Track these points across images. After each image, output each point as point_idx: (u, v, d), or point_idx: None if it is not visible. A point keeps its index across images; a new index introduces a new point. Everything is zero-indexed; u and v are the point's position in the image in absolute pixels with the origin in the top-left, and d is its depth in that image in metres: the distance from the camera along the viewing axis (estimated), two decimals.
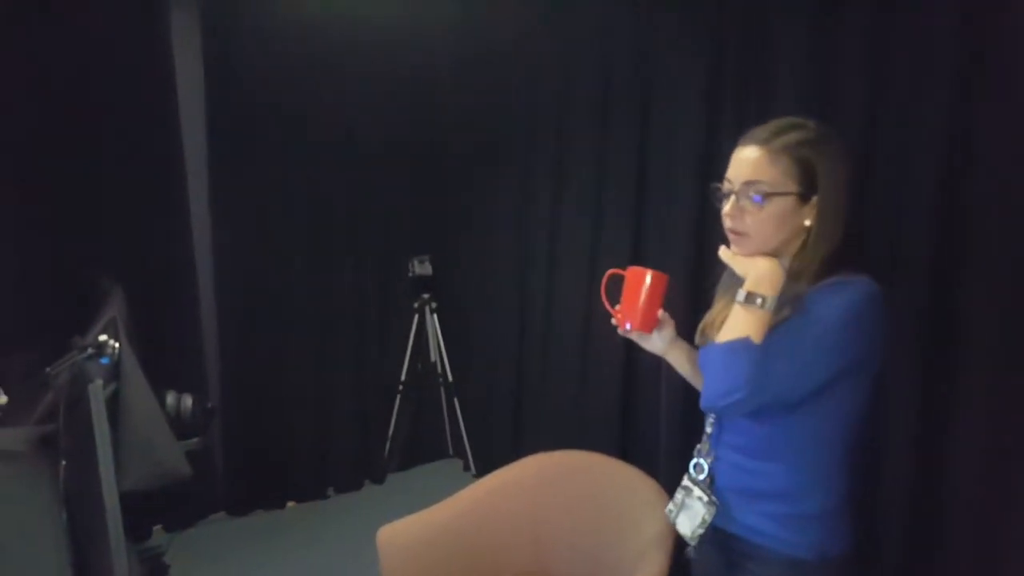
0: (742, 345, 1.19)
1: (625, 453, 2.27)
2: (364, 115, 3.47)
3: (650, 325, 1.45)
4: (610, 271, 1.53)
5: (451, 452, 4.09)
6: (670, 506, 1.47)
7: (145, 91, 2.87)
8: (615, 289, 1.48)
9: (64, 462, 1.49)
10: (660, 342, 1.52)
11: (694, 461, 1.44)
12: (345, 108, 3.41)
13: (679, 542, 1.77)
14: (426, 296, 3.77)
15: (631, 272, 1.44)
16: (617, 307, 1.47)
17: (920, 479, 1.59)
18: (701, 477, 1.41)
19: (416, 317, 3.78)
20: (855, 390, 1.25)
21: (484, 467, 3.59)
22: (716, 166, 2.16)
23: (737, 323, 1.21)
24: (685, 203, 2.30)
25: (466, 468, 3.86)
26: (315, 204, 3.38)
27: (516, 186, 3.27)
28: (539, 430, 3.22)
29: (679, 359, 1.56)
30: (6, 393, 2.21)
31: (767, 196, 1.23)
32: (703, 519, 1.38)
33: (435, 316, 3.80)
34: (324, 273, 3.46)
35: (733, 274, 1.42)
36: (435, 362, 3.88)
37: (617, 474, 2.15)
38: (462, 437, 3.84)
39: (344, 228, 3.50)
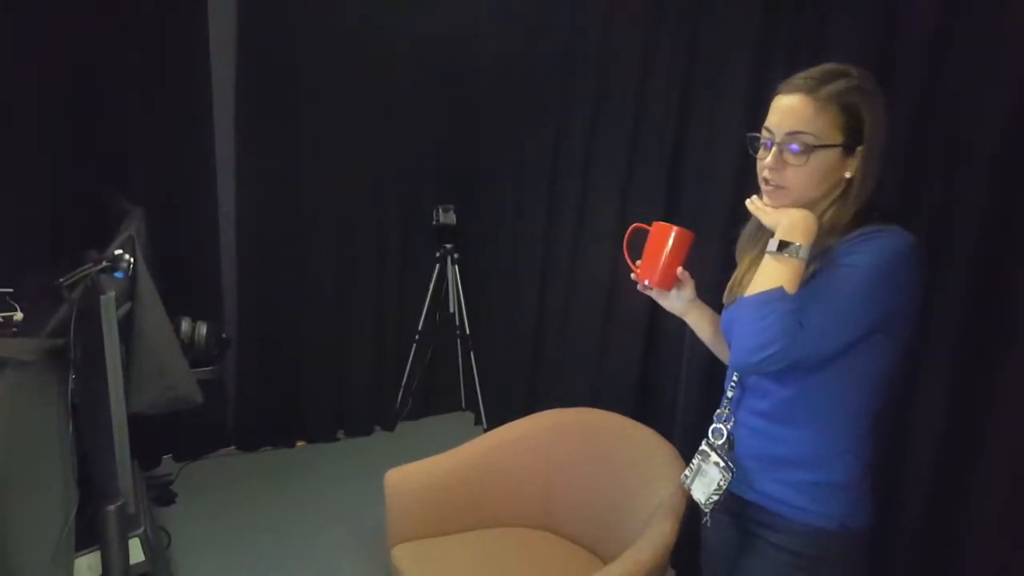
0: (776, 295, 1.14)
1: (642, 418, 2.22)
2: (398, 59, 3.39)
3: (669, 283, 1.43)
4: (634, 225, 1.51)
5: (463, 405, 4.07)
6: (686, 472, 1.44)
7: (175, 19, 2.82)
8: (639, 244, 1.45)
9: (73, 375, 1.47)
10: (679, 301, 1.48)
11: (713, 426, 1.40)
12: (379, 52, 3.32)
13: (694, 511, 1.74)
14: (448, 246, 3.71)
15: (656, 227, 1.42)
16: (638, 262, 1.45)
17: (949, 454, 1.53)
18: (719, 442, 1.37)
19: (437, 267, 3.73)
20: (883, 352, 1.20)
21: (496, 422, 3.57)
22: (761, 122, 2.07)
23: (769, 274, 1.17)
24: (725, 163, 2.21)
25: (477, 422, 3.84)
26: (342, 143, 3.32)
27: (548, 140, 3.17)
28: (555, 390, 3.17)
29: (699, 322, 1.52)
30: (23, 309, 2.21)
31: (813, 148, 1.17)
32: (719, 485, 1.33)
33: (456, 267, 3.74)
34: (347, 213, 3.41)
35: (754, 231, 1.38)
36: (453, 313, 3.84)
37: (633, 435, 2.11)
38: (476, 391, 3.82)
39: (371, 170, 3.44)
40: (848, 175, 1.20)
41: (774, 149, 1.21)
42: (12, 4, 2.43)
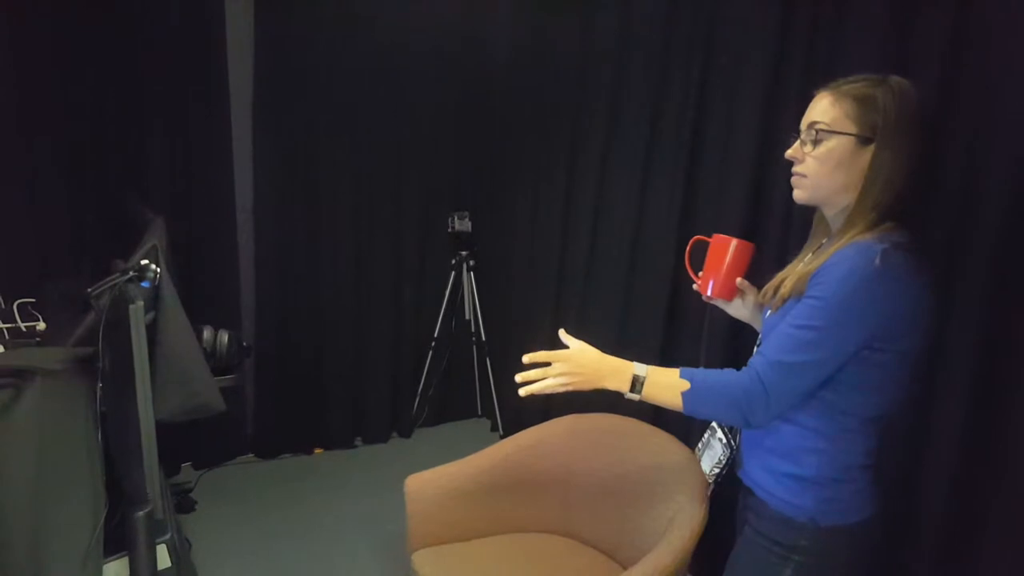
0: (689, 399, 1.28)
1: (659, 422, 2.22)
2: (414, 66, 3.42)
3: (730, 293, 1.50)
4: (695, 237, 1.58)
5: (480, 412, 4.09)
6: (699, 444, 1.58)
7: (194, 26, 2.85)
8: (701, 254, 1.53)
9: (101, 384, 1.49)
10: (744, 310, 1.55)
11: None
12: (395, 59, 3.36)
13: (713, 515, 1.76)
14: (464, 253, 3.73)
15: (716, 239, 1.49)
16: (700, 273, 1.52)
17: (966, 464, 1.52)
18: None
19: (453, 274, 3.75)
20: (874, 363, 1.20)
21: (512, 429, 3.57)
22: (777, 131, 2.07)
23: (665, 398, 1.31)
24: (741, 171, 2.21)
25: (494, 428, 3.85)
26: (359, 151, 3.35)
27: (564, 146, 3.18)
28: (570, 397, 3.16)
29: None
30: (48, 319, 2.25)
31: (822, 132, 1.24)
32: (719, 459, 1.46)
33: (472, 274, 3.76)
34: (364, 221, 3.44)
35: (815, 233, 1.43)
36: (469, 320, 3.85)
37: (650, 440, 2.12)
38: (492, 398, 3.83)
39: (387, 177, 3.47)
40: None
41: (797, 142, 1.29)
42: (33, 14, 2.48)
